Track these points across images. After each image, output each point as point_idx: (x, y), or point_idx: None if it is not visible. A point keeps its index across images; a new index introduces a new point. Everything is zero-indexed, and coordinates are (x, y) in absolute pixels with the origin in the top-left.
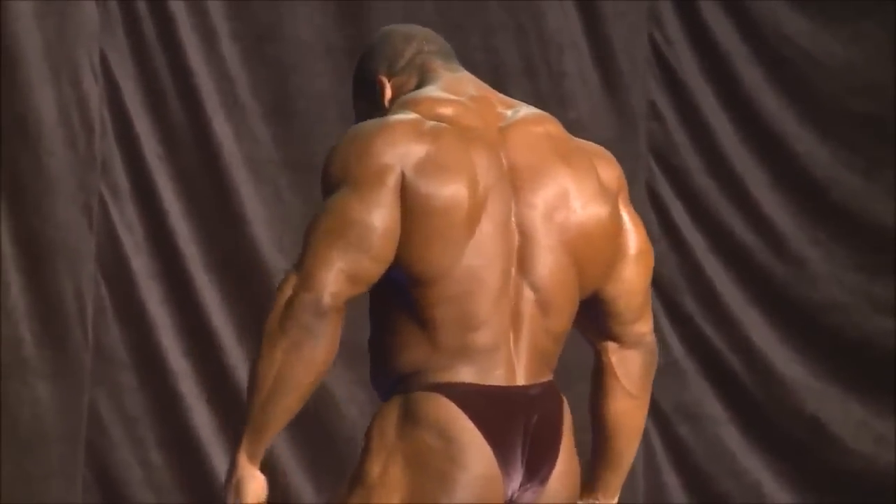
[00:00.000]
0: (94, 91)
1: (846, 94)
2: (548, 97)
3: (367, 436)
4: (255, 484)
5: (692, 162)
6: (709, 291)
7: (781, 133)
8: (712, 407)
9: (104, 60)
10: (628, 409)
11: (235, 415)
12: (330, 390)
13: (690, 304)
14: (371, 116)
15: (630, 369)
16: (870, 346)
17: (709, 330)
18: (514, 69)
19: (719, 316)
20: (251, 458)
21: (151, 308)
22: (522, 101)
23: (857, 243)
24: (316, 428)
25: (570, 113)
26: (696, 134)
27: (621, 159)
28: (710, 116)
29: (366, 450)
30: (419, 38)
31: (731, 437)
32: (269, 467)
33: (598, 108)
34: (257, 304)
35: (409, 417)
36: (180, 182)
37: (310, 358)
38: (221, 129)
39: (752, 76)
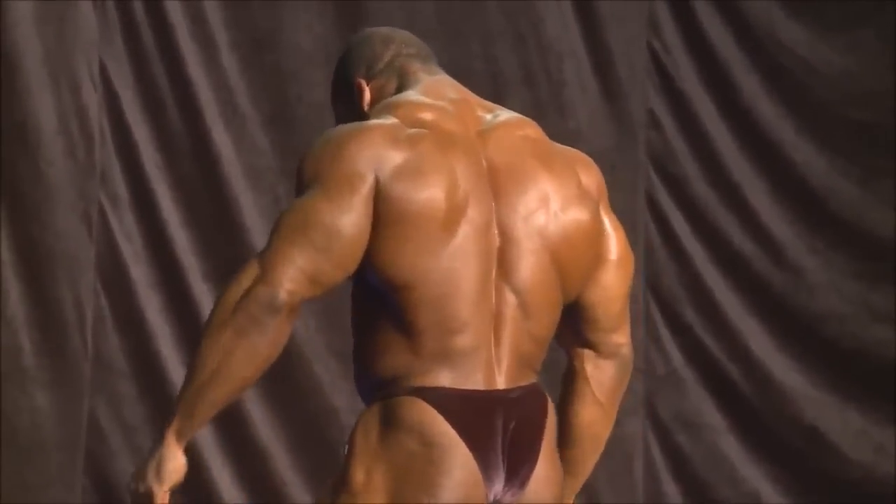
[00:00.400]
0: (93, 100)
1: (843, 102)
2: (547, 105)
3: (350, 442)
4: (175, 464)
5: (691, 170)
6: (708, 300)
7: (779, 142)
8: (711, 416)
9: (103, 69)
10: (596, 419)
11: (233, 423)
12: (329, 400)
13: (689, 313)
14: (350, 120)
15: (603, 379)
16: (868, 354)
17: (708, 339)
18: (514, 77)
19: (718, 325)
20: (178, 438)
21: (150, 317)
22: (521, 109)
23: (856, 252)
24: (315, 438)
25: (570, 121)
26: (695, 142)
27: (620, 168)
28: (709, 125)
29: (349, 456)
30: (398, 41)
31: (730, 445)
32: (268, 477)
33: (597, 116)
34: None
35: (390, 423)
36: (179, 191)
37: (255, 351)
38: (220, 137)
39: (749, 85)
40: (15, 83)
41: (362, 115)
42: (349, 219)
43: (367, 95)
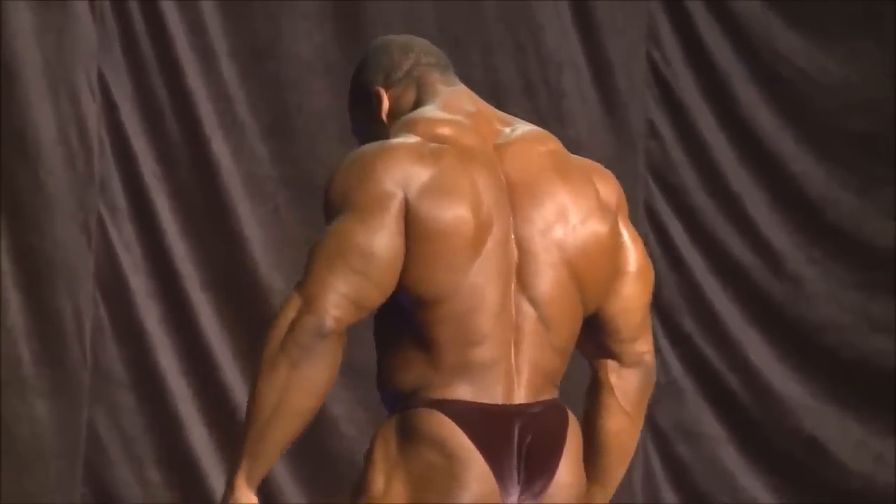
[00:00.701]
0: (92, 110)
1: (842, 112)
2: (547, 115)
3: (370, 450)
4: None
5: (690, 181)
6: (707, 310)
7: (778, 152)
8: (710, 426)
9: (102, 79)
10: (623, 428)
11: (233, 433)
12: (328, 409)
13: (689, 323)
14: (368, 127)
15: (628, 388)
16: (867, 364)
17: (707, 349)
18: (514, 87)
19: (717, 335)
20: (249, 481)
21: (149, 326)
22: (522, 119)
23: (855, 262)
24: (314, 447)
25: (569, 131)
26: (694, 153)
27: (620, 178)
28: (708, 135)
29: (369, 463)
30: (417, 50)
31: (730, 455)
32: (266, 485)
33: (596, 126)
34: (255, 322)
35: (410, 434)
36: (178, 200)
37: (311, 381)
38: (219, 147)
39: (748, 95)
40: (14, 93)
41: (380, 123)
42: (383, 239)
43: (386, 104)
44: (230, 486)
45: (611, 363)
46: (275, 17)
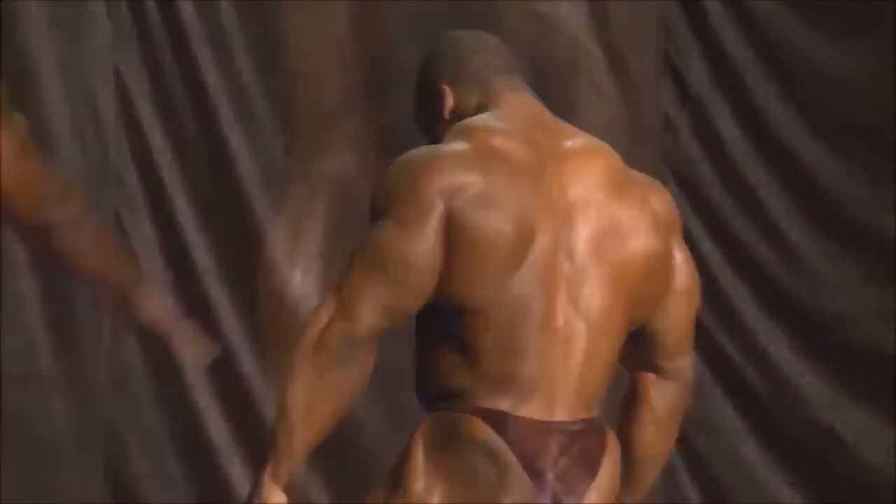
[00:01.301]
0: (108, 105)
1: (857, 107)
2: (561, 111)
3: (409, 448)
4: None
5: (706, 174)
6: (725, 304)
7: (793, 146)
8: (729, 419)
9: (118, 74)
10: (658, 440)
11: (252, 426)
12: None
13: (707, 317)
14: (431, 124)
15: (666, 402)
16: (885, 357)
17: (725, 342)
18: (527, 82)
19: (735, 328)
20: (276, 480)
21: None
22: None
23: (872, 255)
24: (332, 441)
25: (584, 127)
26: (710, 146)
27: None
28: (724, 129)
29: (409, 461)
30: (486, 51)
31: (749, 448)
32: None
33: (611, 121)
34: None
35: (455, 436)
36: (194, 195)
37: (341, 386)
38: (236, 142)
39: (764, 89)
40: (30, 90)
41: (442, 122)
42: (423, 250)
43: (450, 103)
44: (259, 483)
45: (650, 376)
46: (290, 13)
